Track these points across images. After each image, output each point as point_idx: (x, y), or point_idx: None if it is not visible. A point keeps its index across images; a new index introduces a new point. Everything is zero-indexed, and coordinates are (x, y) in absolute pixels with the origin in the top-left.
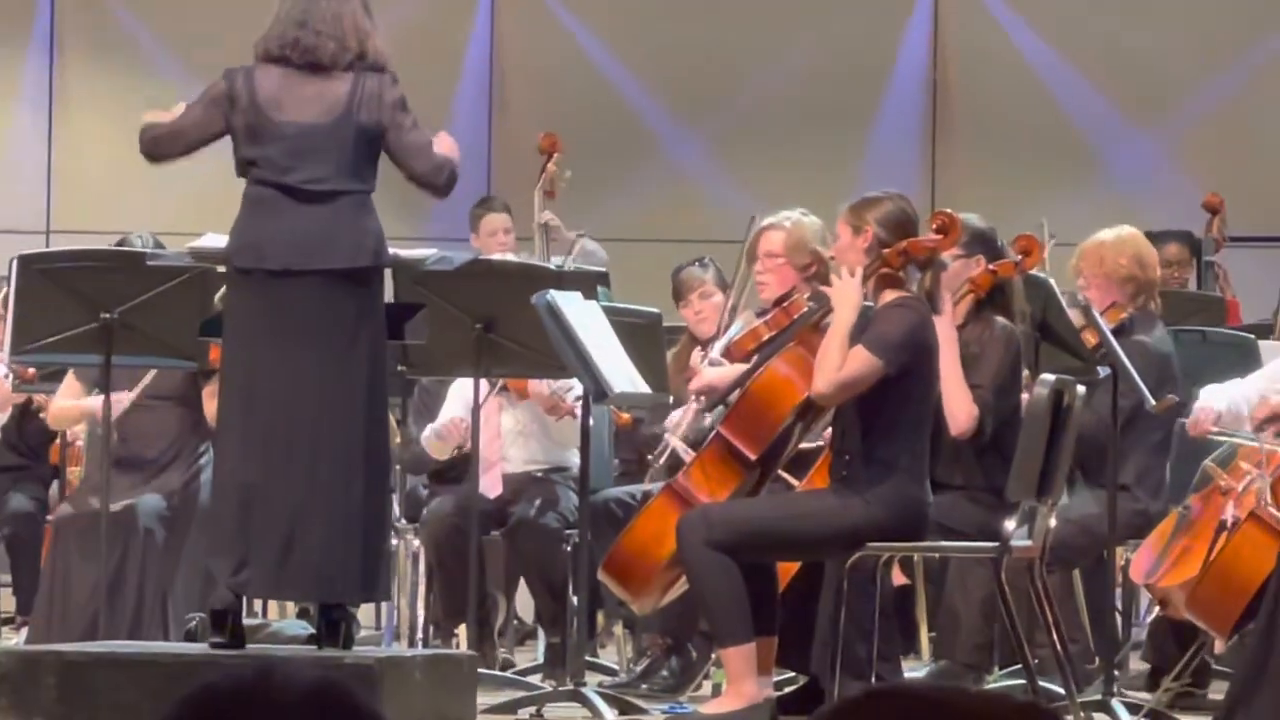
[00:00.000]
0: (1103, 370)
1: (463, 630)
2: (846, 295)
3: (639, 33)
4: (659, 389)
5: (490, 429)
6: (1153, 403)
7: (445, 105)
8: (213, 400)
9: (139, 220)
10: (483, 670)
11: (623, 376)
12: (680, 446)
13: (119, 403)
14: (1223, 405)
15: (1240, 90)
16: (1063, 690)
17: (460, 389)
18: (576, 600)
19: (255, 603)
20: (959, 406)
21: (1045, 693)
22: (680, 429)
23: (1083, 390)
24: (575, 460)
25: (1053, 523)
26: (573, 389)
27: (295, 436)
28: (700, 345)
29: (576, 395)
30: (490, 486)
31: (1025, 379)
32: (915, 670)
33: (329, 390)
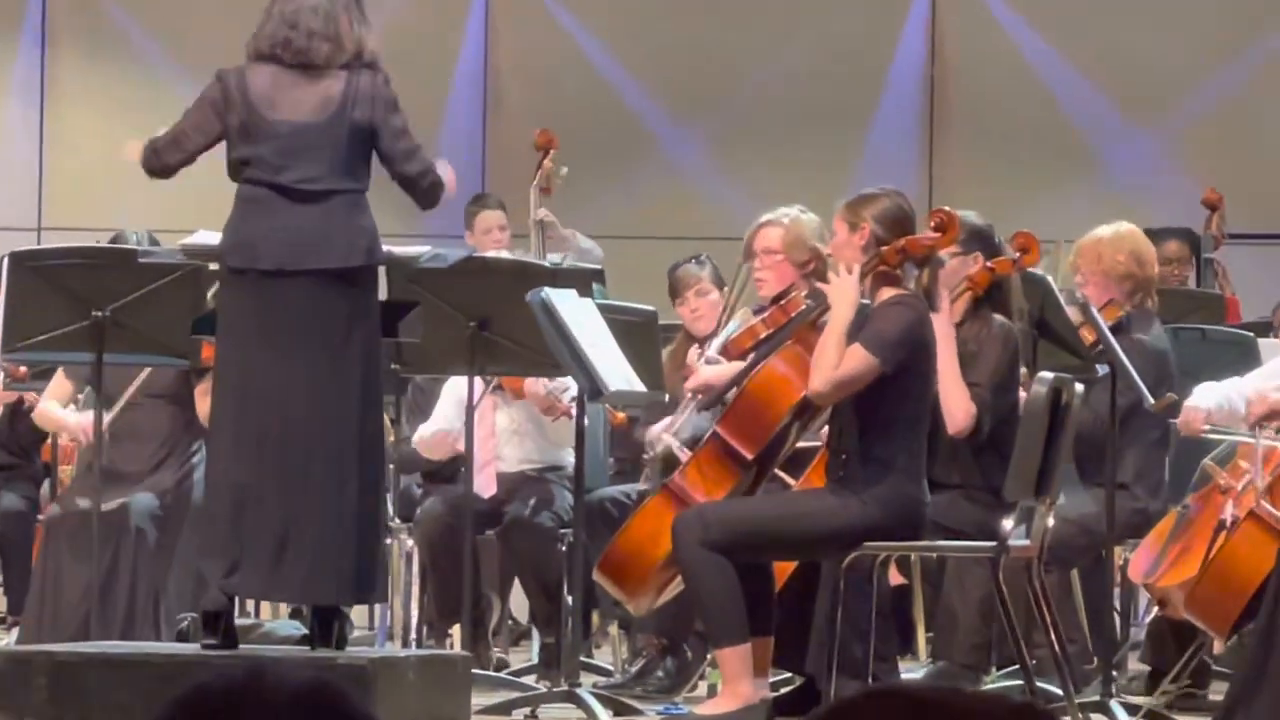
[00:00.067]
0: (1101, 368)
1: (457, 630)
2: (843, 293)
3: (635, 29)
4: (655, 387)
5: (485, 428)
6: (1151, 401)
7: (440, 102)
8: (205, 398)
9: (132, 217)
10: (477, 671)
11: (618, 375)
12: (676, 445)
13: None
14: (1212, 403)
15: (1240, 88)
16: (1061, 691)
17: (454, 387)
18: (571, 600)
19: (248, 603)
20: (957, 405)
21: (1043, 693)
22: (660, 441)
23: (1081, 389)
24: (570, 459)
25: (1051, 522)
26: (568, 389)
27: (289, 437)
28: (697, 343)
29: (572, 395)
30: (484, 486)
31: (1023, 377)
32: (912, 671)
33: (323, 390)
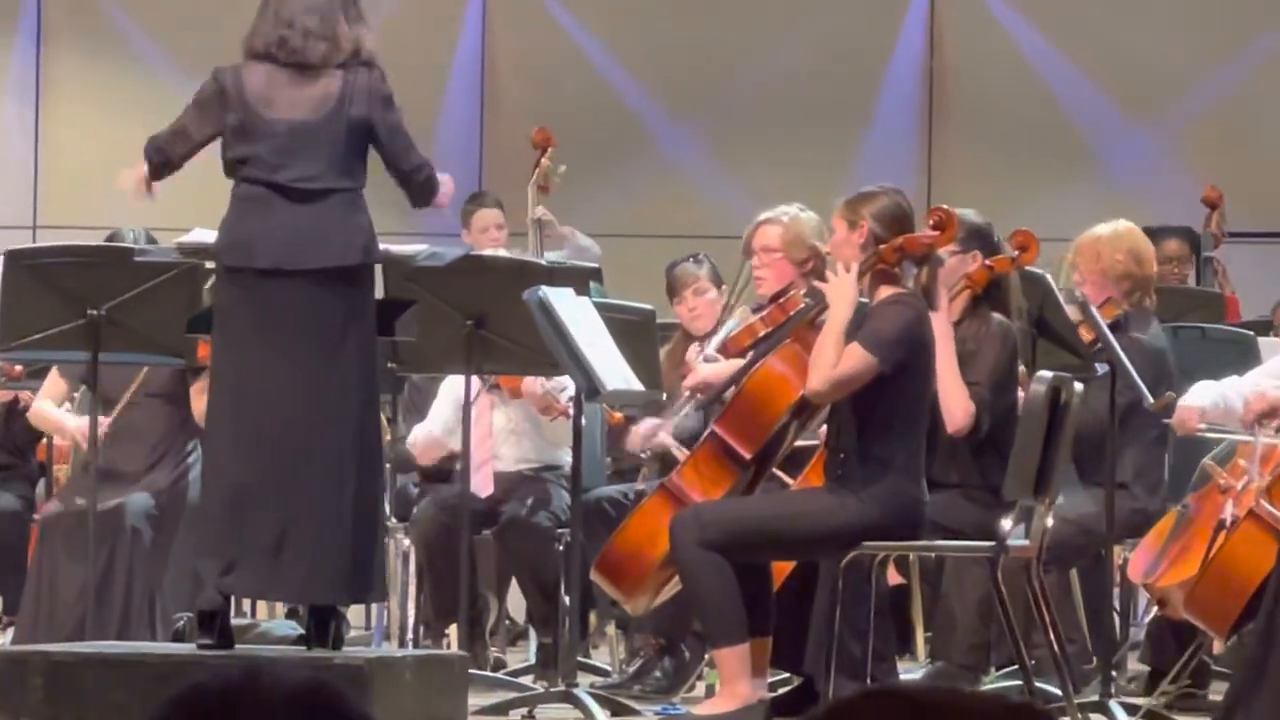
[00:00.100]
0: (1100, 367)
1: (453, 630)
2: (842, 291)
3: (633, 27)
4: (652, 387)
5: (482, 427)
6: (1151, 400)
7: (437, 100)
8: (201, 397)
9: (127, 216)
10: (474, 671)
11: (615, 374)
12: (673, 444)
13: (99, 426)
14: (1206, 402)
15: (1239, 85)
16: (1060, 691)
17: (451, 386)
18: (569, 600)
19: (244, 603)
20: (955, 403)
21: (1042, 694)
22: (643, 439)
23: (1080, 387)
24: (567, 459)
25: (1050, 522)
26: (566, 389)
27: (286, 436)
28: (696, 341)
29: (570, 395)
30: (481, 485)
31: (1021, 376)
32: (911, 671)
33: (320, 389)
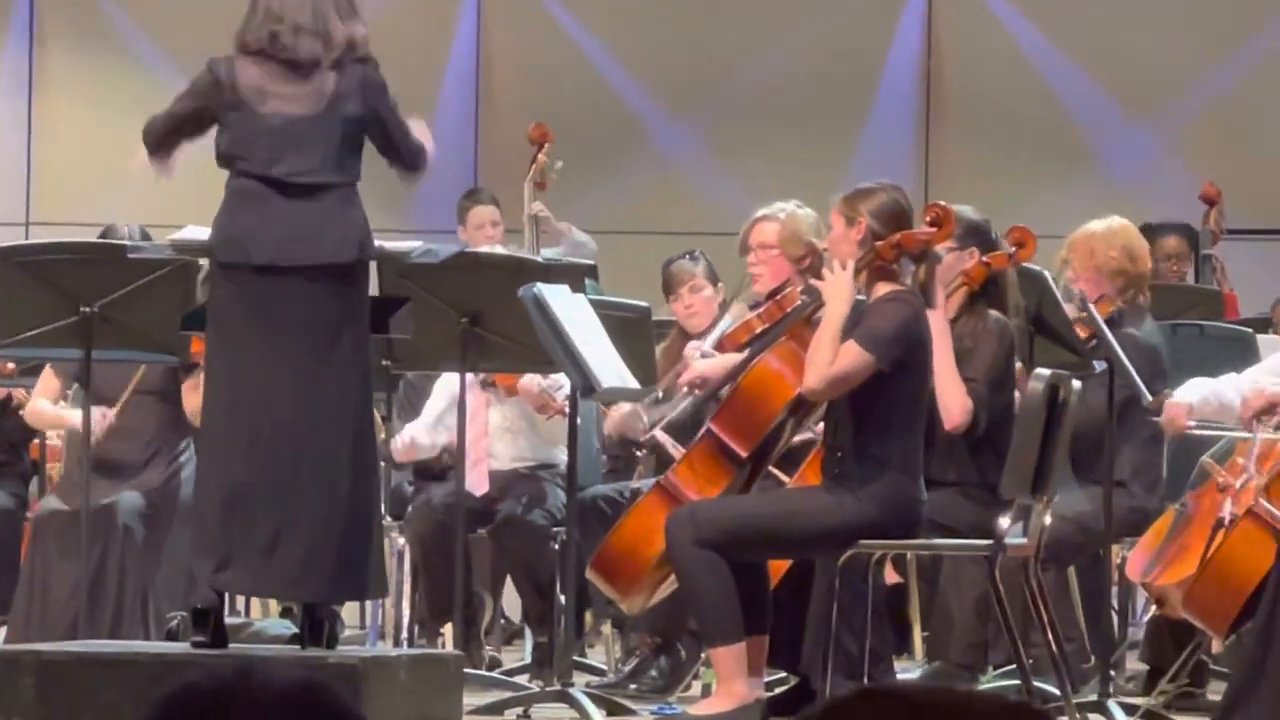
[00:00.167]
0: (1098, 365)
1: (448, 629)
2: (838, 289)
3: (629, 22)
4: (648, 384)
5: (477, 425)
6: (1149, 398)
7: (432, 95)
8: (192, 394)
9: (121, 212)
10: (469, 670)
11: (611, 371)
12: (669, 443)
13: (102, 419)
14: (1195, 398)
15: (1239, 82)
16: (1058, 691)
17: (446, 383)
18: (564, 599)
19: (238, 602)
20: (953, 400)
21: (1040, 693)
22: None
23: (1078, 385)
24: (563, 457)
25: (1048, 520)
26: (562, 387)
27: (280, 434)
28: (693, 338)
29: (566, 393)
30: (476, 483)
31: (1019, 373)
32: (908, 671)
33: (315, 386)
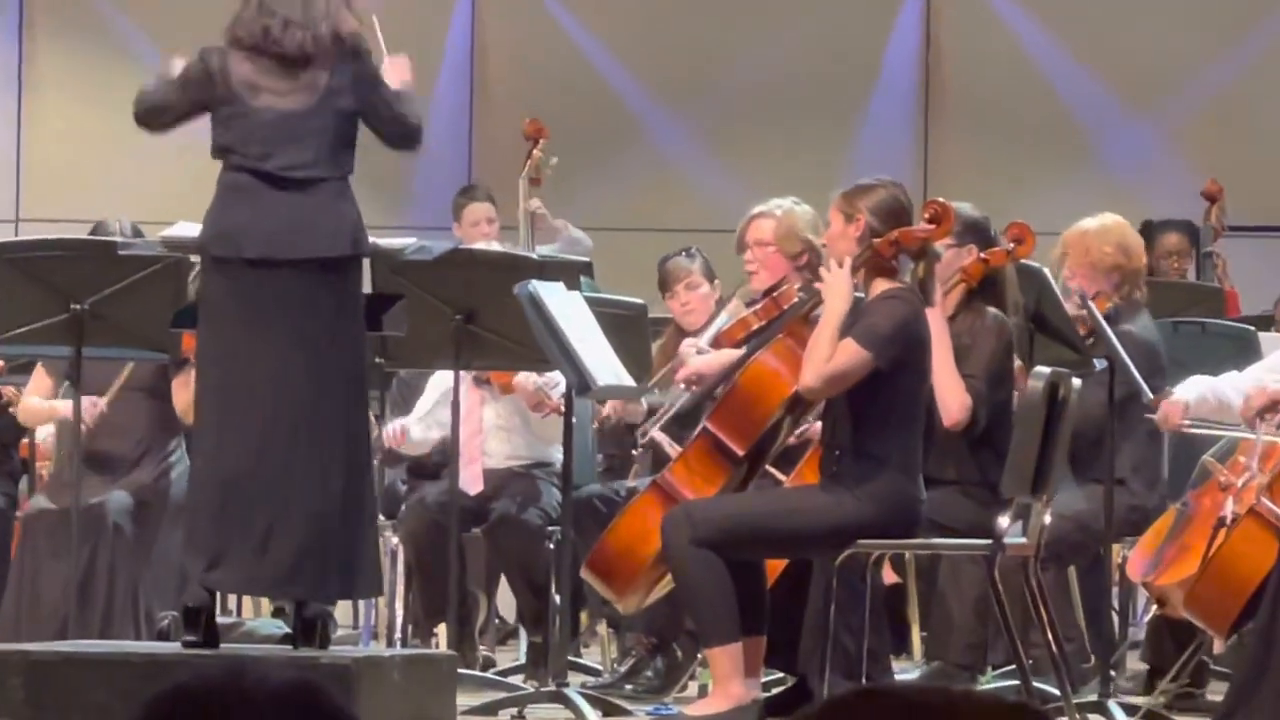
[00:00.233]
0: (1098, 362)
1: (442, 629)
2: (836, 286)
3: (625, 17)
4: (644, 382)
5: (471, 424)
6: (1150, 396)
7: (427, 91)
8: (182, 390)
9: (113, 208)
10: (463, 670)
11: (607, 369)
12: (665, 441)
13: (93, 408)
14: (1191, 397)
15: (1240, 78)
16: (1058, 691)
17: (439, 379)
18: (559, 599)
19: (229, 601)
20: (952, 397)
21: (1040, 694)
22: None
23: (1078, 383)
24: (558, 455)
25: (1048, 519)
26: (558, 385)
27: (273, 430)
28: (690, 336)
29: (562, 391)
30: (471, 482)
31: (1018, 371)
32: (907, 671)
33: (307, 382)
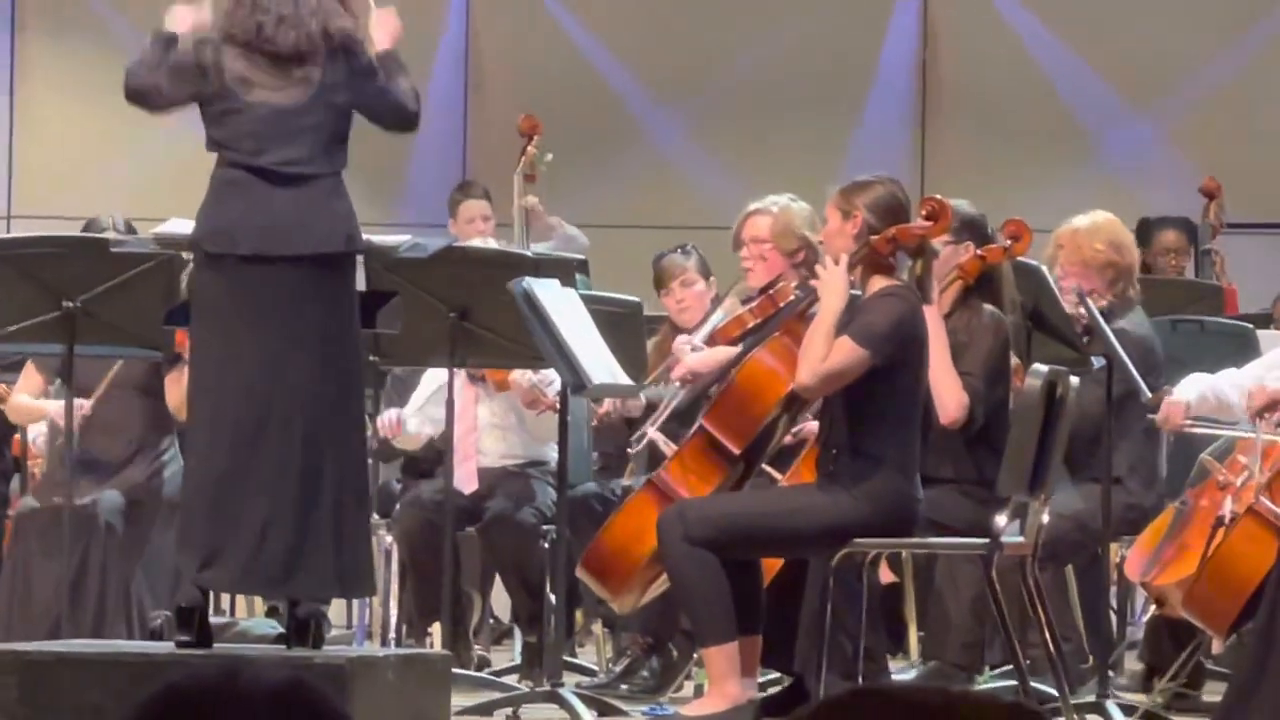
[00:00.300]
0: (1096, 361)
1: (437, 629)
2: (833, 284)
3: (621, 13)
4: (639, 380)
5: (466, 421)
6: (1149, 395)
7: (421, 86)
8: (175, 386)
9: (105, 204)
10: (457, 670)
11: (602, 367)
12: (661, 440)
13: (79, 409)
14: (1192, 396)
15: (1238, 75)
16: (1055, 691)
17: (435, 373)
18: (554, 598)
19: (223, 600)
20: (949, 395)
21: (1037, 694)
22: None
23: (1076, 381)
24: (553, 454)
25: (1045, 518)
26: (553, 383)
27: (267, 428)
28: (685, 333)
29: (557, 389)
30: (465, 481)
31: (1015, 369)
32: (904, 671)
33: (301, 380)
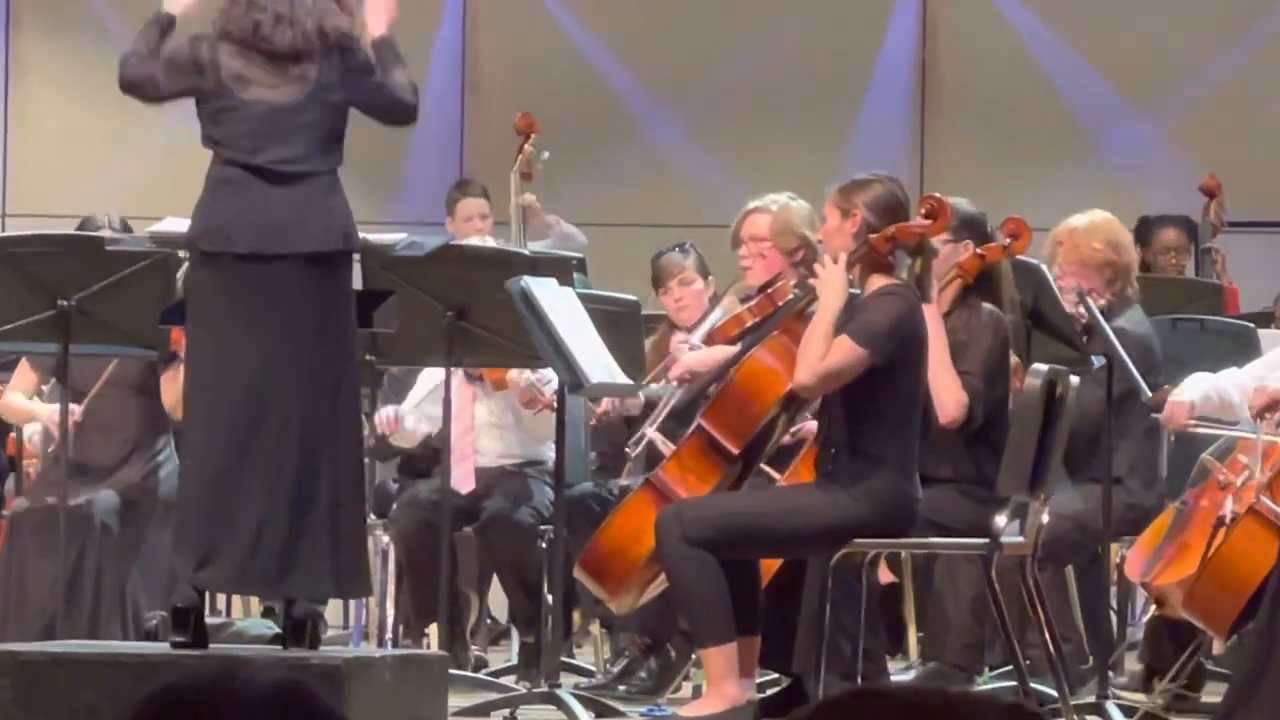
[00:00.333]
0: (1096, 360)
1: (433, 630)
2: (832, 282)
3: (618, 11)
4: (637, 379)
5: (463, 421)
6: (1149, 395)
7: (418, 84)
8: (171, 385)
9: (101, 202)
10: (454, 671)
11: (599, 366)
12: (659, 439)
13: (70, 415)
14: (1197, 395)
15: (1239, 73)
16: (1055, 692)
17: (431, 371)
18: (551, 599)
19: (219, 601)
20: (948, 394)
21: (1037, 695)
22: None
23: (1076, 381)
24: (550, 454)
25: (1045, 518)
26: (551, 381)
27: (263, 427)
28: (682, 332)
29: (555, 388)
30: (462, 480)
31: (1016, 369)
32: (903, 672)
33: (297, 379)
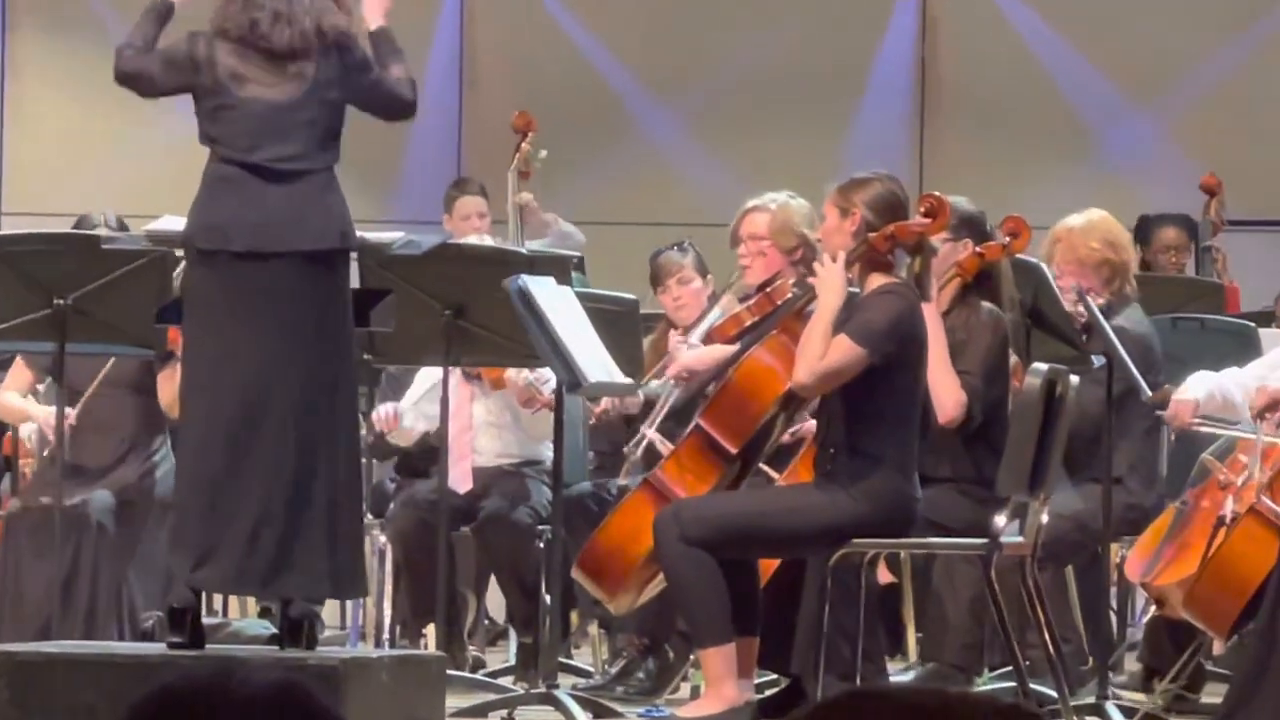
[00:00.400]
0: (1096, 359)
1: (431, 630)
2: (831, 281)
3: (616, 9)
4: (635, 379)
5: (461, 420)
6: (1149, 394)
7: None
8: (168, 384)
9: (97, 201)
10: (452, 672)
11: (598, 365)
12: (657, 439)
13: (65, 418)
14: (1201, 394)
15: (1239, 72)
16: (1055, 693)
17: (429, 369)
18: (549, 599)
19: (215, 601)
20: (947, 393)
21: (1037, 695)
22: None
23: (1075, 380)
24: (548, 453)
25: (1045, 518)
26: (549, 380)
27: (260, 426)
28: (681, 331)
29: (554, 387)
30: (460, 480)
31: (1015, 368)
32: (902, 672)
33: (294, 378)
